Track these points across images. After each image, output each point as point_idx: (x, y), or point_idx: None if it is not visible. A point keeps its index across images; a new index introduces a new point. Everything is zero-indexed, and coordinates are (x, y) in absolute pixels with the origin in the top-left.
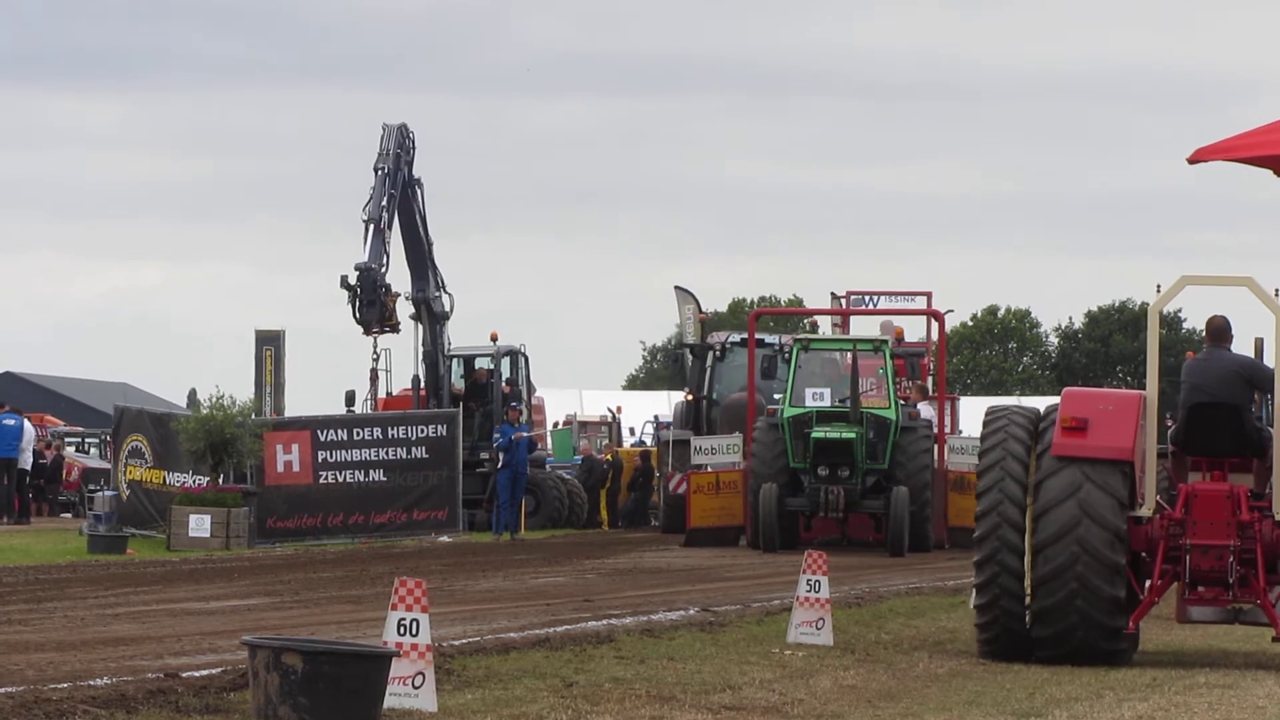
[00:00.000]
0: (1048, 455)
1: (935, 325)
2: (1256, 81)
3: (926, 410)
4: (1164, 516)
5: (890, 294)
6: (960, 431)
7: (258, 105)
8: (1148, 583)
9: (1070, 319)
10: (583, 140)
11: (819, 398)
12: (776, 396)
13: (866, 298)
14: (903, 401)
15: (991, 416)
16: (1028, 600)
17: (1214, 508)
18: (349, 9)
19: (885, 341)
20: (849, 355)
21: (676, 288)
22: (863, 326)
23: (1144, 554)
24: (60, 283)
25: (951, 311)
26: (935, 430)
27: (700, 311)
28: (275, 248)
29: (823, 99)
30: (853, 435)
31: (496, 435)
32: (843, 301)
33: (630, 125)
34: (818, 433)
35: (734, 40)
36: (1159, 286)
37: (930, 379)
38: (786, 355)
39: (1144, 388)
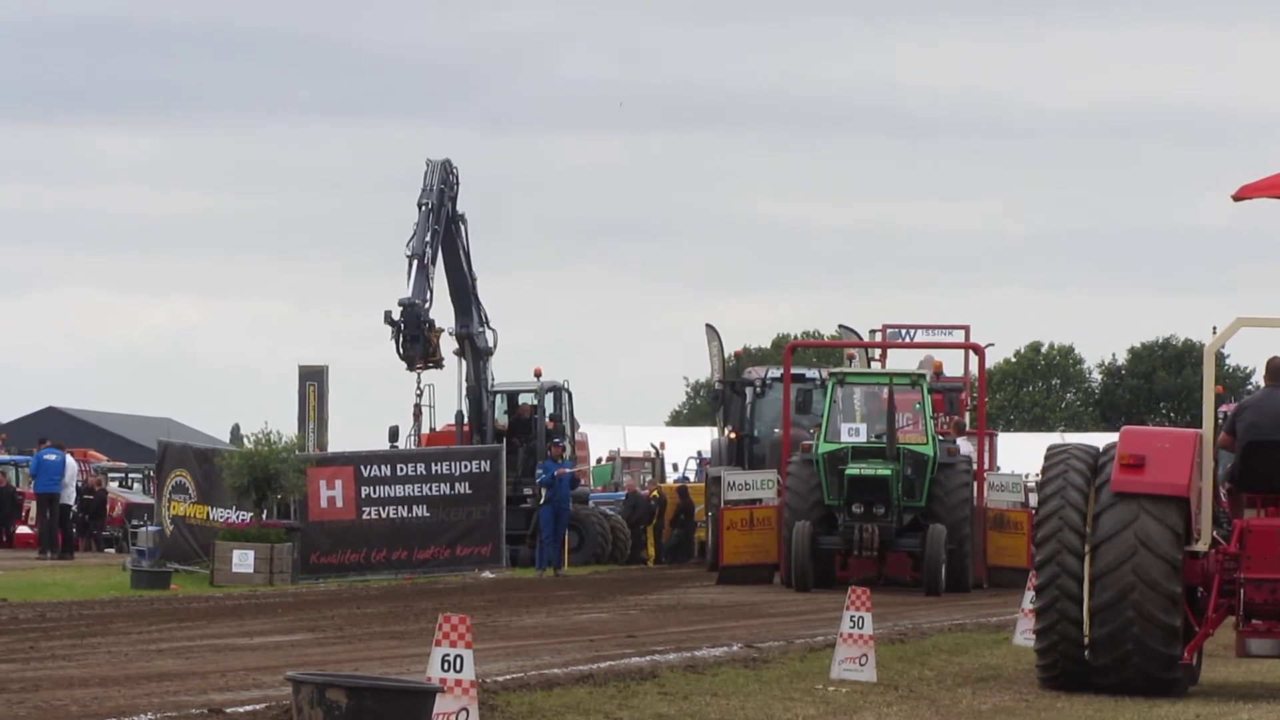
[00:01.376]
0: (1106, 491)
1: (975, 359)
2: None
3: (965, 446)
4: (1219, 551)
5: (927, 327)
6: (999, 468)
7: (300, 140)
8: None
9: (1114, 355)
10: (625, 175)
11: (854, 433)
12: (813, 432)
13: (903, 331)
14: (941, 437)
15: (1052, 455)
16: (1086, 630)
17: (1268, 543)
18: (390, 44)
19: (923, 376)
20: (899, 391)
21: (707, 326)
22: (902, 360)
23: (1200, 588)
24: (101, 317)
25: (992, 345)
26: (975, 467)
27: (723, 350)
28: (318, 283)
29: (866, 135)
30: (888, 472)
31: (539, 471)
32: (878, 336)
33: (672, 161)
34: (852, 469)
35: (776, 76)
36: (1214, 328)
37: (969, 414)
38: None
39: (1189, 424)
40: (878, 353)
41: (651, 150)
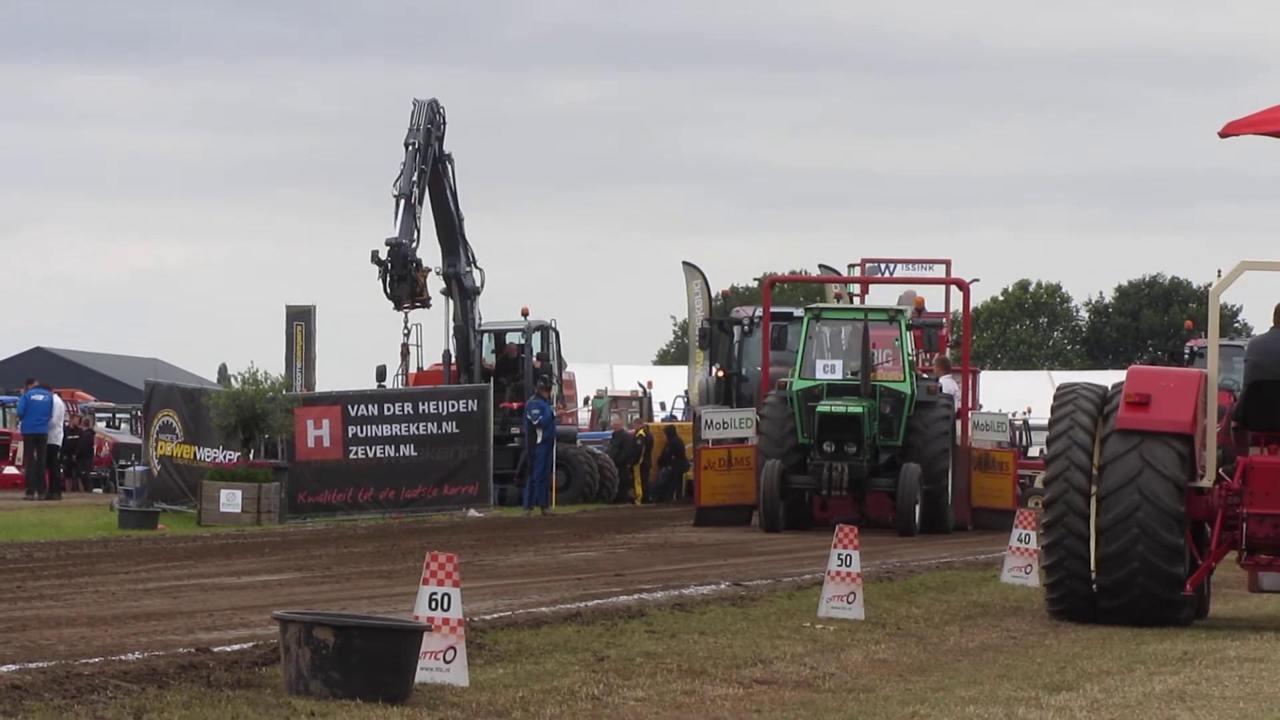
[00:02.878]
0: (1113, 428)
1: (960, 295)
2: None
3: (949, 384)
4: (1223, 487)
5: (907, 262)
6: (981, 406)
7: (287, 80)
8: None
9: (1101, 293)
10: (614, 114)
11: (830, 370)
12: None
13: (883, 266)
14: (926, 375)
15: (1061, 393)
16: (1093, 565)
17: (1270, 479)
18: None
19: (901, 312)
20: (875, 327)
21: (684, 264)
22: (883, 296)
23: (1205, 523)
24: (89, 258)
25: (977, 280)
26: (958, 405)
27: (708, 287)
28: (306, 223)
29: (855, 74)
30: (860, 409)
31: (535, 410)
32: (857, 271)
33: (662, 100)
34: (823, 407)
35: (766, 15)
36: (1219, 272)
37: (949, 351)
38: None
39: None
40: (858, 288)
41: (640, 89)
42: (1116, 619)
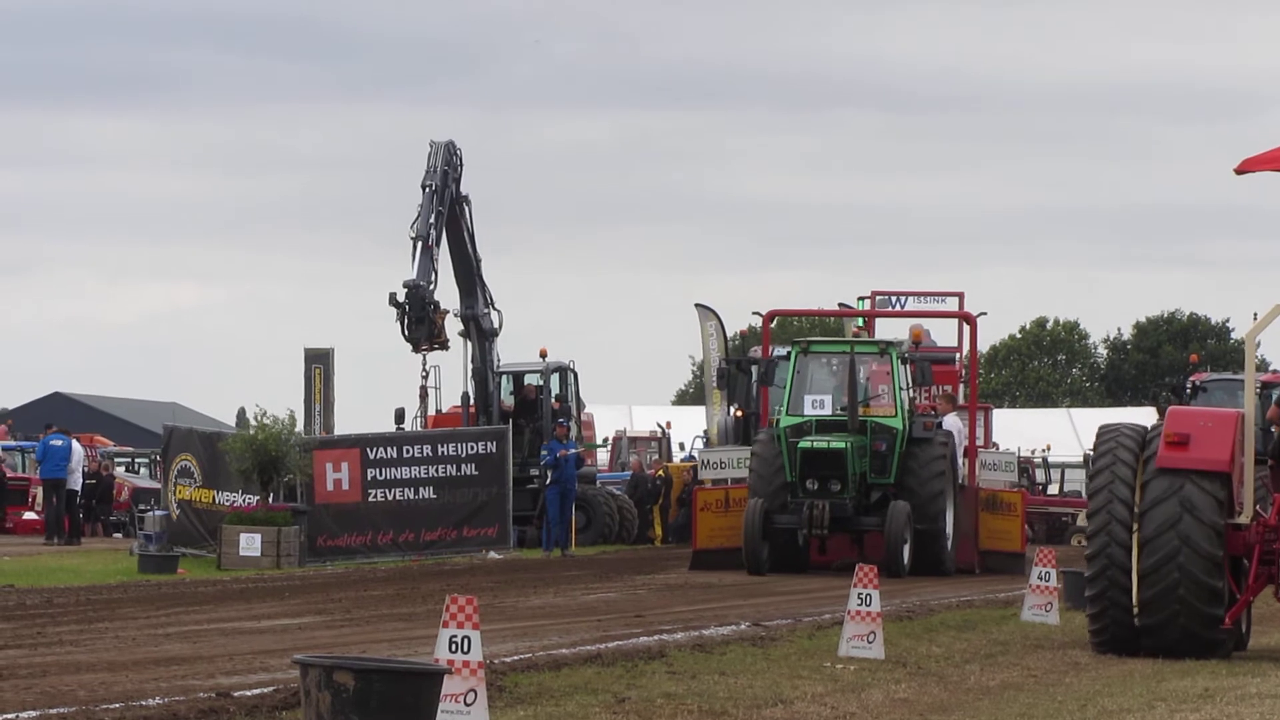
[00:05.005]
0: (1153, 467)
1: (968, 330)
2: None
3: (951, 421)
4: (1260, 523)
5: (919, 294)
6: (996, 445)
7: (300, 121)
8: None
9: (1119, 330)
10: (630, 154)
11: (818, 405)
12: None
13: (893, 299)
14: (932, 411)
15: (1102, 434)
16: (1134, 596)
17: None
18: (388, 26)
19: (891, 344)
20: (866, 360)
21: (697, 305)
22: (893, 330)
23: (1243, 558)
24: (107, 302)
25: (984, 314)
26: (964, 443)
27: (723, 328)
28: (323, 266)
29: (868, 112)
30: (842, 445)
31: (544, 453)
32: (866, 304)
33: (677, 139)
34: (805, 443)
35: (778, 52)
36: (1255, 314)
37: (961, 387)
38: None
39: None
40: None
41: (654, 129)
42: (1158, 651)
